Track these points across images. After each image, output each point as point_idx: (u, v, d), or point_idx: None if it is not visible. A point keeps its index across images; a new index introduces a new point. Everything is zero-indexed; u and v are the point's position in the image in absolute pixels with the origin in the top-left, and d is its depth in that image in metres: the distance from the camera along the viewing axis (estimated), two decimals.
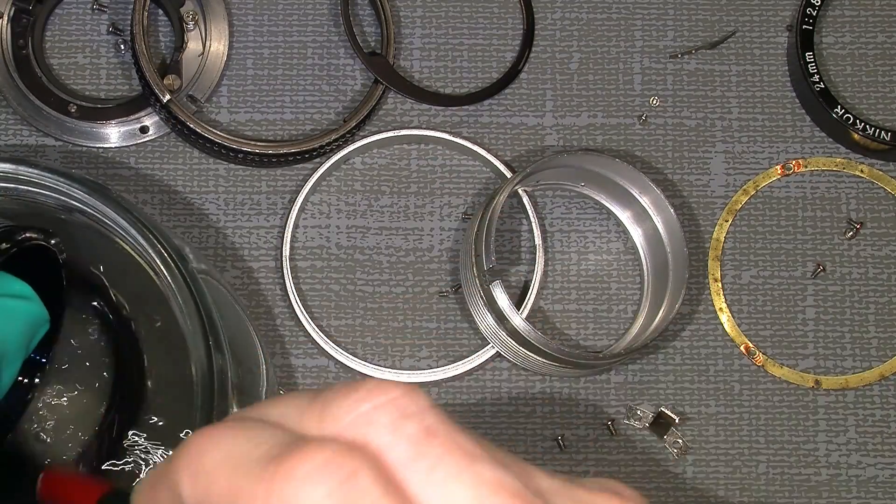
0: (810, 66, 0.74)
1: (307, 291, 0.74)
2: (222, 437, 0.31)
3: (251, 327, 0.65)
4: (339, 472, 0.29)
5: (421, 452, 0.30)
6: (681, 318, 0.74)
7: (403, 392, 0.31)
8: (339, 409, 0.31)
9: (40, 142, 0.74)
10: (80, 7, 0.76)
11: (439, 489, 0.30)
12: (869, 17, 0.77)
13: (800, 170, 0.76)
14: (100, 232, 0.61)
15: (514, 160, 0.75)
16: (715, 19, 0.77)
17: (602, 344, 0.74)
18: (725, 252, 0.75)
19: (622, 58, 0.76)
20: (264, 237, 0.74)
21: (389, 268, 0.74)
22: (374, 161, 0.75)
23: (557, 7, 0.76)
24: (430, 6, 0.76)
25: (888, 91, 0.76)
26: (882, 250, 0.75)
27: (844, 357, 0.74)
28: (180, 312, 0.59)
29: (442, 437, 0.30)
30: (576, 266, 0.75)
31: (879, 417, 0.74)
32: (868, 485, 0.73)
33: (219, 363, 0.58)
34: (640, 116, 0.76)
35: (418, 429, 0.30)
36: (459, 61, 0.76)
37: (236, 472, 0.30)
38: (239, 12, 0.76)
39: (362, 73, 0.75)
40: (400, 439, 0.30)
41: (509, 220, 0.74)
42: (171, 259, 0.59)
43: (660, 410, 0.72)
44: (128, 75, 0.75)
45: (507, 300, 0.69)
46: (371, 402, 0.30)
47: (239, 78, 0.75)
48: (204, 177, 0.75)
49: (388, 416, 0.30)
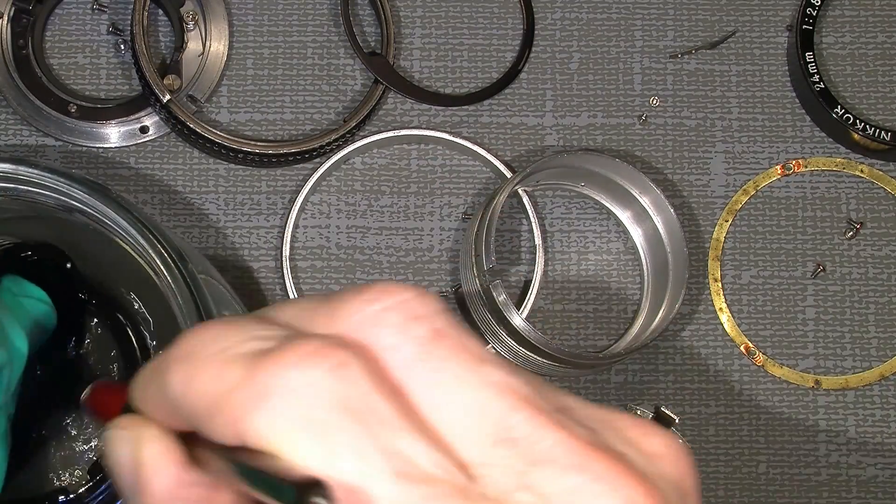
0: (810, 66, 0.74)
1: (307, 291, 0.74)
2: (219, 330, 0.30)
3: None
4: (328, 361, 0.28)
5: (427, 352, 0.29)
6: (681, 318, 0.74)
7: (415, 294, 0.30)
8: (347, 309, 0.30)
9: (40, 142, 0.74)
10: (80, 7, 0.76)
11: (444, 391, 0.29)
12: (869, 17, 0.77)
13: (800, 170, 0.76)
14: (100, 232, 0.61)
15: (514, 160, 0.75)
16: (715, 19, 0.77)
17: (602, 344, 0.74)
18: (725, 252, 0.75)
19: (622, 58, 0.76)
20: (264, 237, 0.74)
21: (389, 268, 0.74)
22: (374, 161, 0.75)
23: (557, 7, 0.76)
24: (430, 6, 0.76)
25: (888, 91, 0.76)
26: (882, 250, 0.75)
27: (844, 357, 0.74)
28: (180, 312, 0.59)
29: (450, 340, 0.29)
30: (576, 266, 0.75)
31: (879, 417, 0.74)
32: (868, 485, 0.73)
33: None
34: (640, 116, 0.76)
35: (426, 330, 0.29)
36: (459, 61, 0.76)
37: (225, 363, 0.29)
38: (239, 12, 0.76)
39: (362, 73, 0.75)
40: (406, 340, 0.29)
41: (509, 220, 0.74)
42: (171, 259, 0.59)
43: (660, 410, 0.72)
44: (128, 75, 0.75)
45: (507, 300, 0.69)
46: (381, 303, 0.30)
47: (239, 78, 0.75)
48: (204, 177, 0.75)
49: (396, 317, 0.30)
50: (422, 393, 0.29)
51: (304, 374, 0.28)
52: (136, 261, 0.62)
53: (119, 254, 0.63)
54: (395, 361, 0.29)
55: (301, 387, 0.28)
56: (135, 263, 0.62)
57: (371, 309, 0.30)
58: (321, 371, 0.28)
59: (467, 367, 0.29)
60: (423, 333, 0.29)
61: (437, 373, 0.29)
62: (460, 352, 0.29)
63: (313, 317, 0.31)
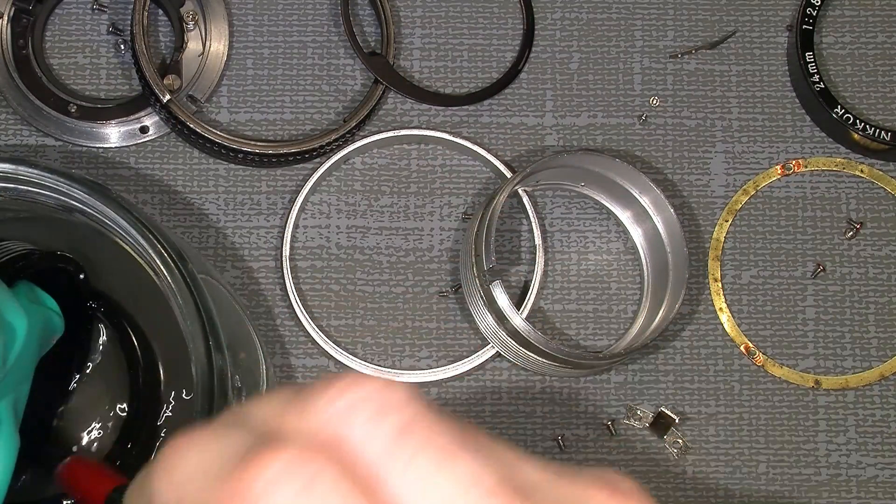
0: (810, 66, 0.74)
1: (307, 291, 0.74)
2: (196, 443, 0.31)
3: (251, 327, 0.66)
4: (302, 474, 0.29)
5: (397, 447, 0.29)
6: (681, 318, 0.74)
7: (381, 386, 0.30)
8: (316, 405, 0.30)
9: (40, 142, 0.74)
10: (80, 7, 0.76)
11: (415, 485, 0.29)
12: (869, 17, 0.77)
13: (800, 170, 0.76)
14: (100, 232, 0.61)
15: (514, 160, 0.75)
16: (715, 19, 0.77)
17: (602, 344, 0.74)
18: (725, 252, 0.75)
19: (622, 58, 0.76)
20: (264, 237, 0.74)
21: (389, 268, 0.74)
22: (374, 161, 0.75)
23: (557, 7, 0.76)
24: (430, 6, 0.76)
25: (888, 91, 0.76)
26: (882, 250, 0.75)
27: (844, 357, 0.74)
28: (180, 312, 0.59)
29: (419, 432, 0.30)
30: (576, 266, 0.75)
31: (879, 417, 0.74)
32: (868, 485, 0.73)
33: (219, 363, 0.58)
34: (640, 116, 0.76)
35: (395, 423, 0.30)
36: (459, 61, 0.76)
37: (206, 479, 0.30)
38: (239, 12, 0.76)
39: (362, 73, 0.75)
40: (376, 434, 0.29)
41: (509, 220, 0.74)
42: (171, 259, 0.59)
43: (660, 410, 0.72)
44: (128, 75, 0.75)
45: (507, 300, 0.69)
46: (348, 397, 0.30)
47: (239, 78, 0.75)
48: (204, 177, 0.75)
49: (365, 411, 0.30)
50: (396, 488, 0.29)
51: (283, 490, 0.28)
52: (136, 261, 0.62)
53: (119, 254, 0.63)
54: (366, 457, 0.29)
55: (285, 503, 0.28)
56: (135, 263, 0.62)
57: (339, 404, 0.30)
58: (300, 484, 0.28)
59: (437, 461, 0.29)
60: (392, 426, 0.30)
61: (408, 468, 0.29)
62: (430, 444, 0.29)
63: (284, 413, 0.31)
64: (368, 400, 0.30)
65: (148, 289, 0.63)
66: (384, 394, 0.30)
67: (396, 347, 0.74)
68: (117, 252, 0.63)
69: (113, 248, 0.63)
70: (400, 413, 0.30)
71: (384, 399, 0.30)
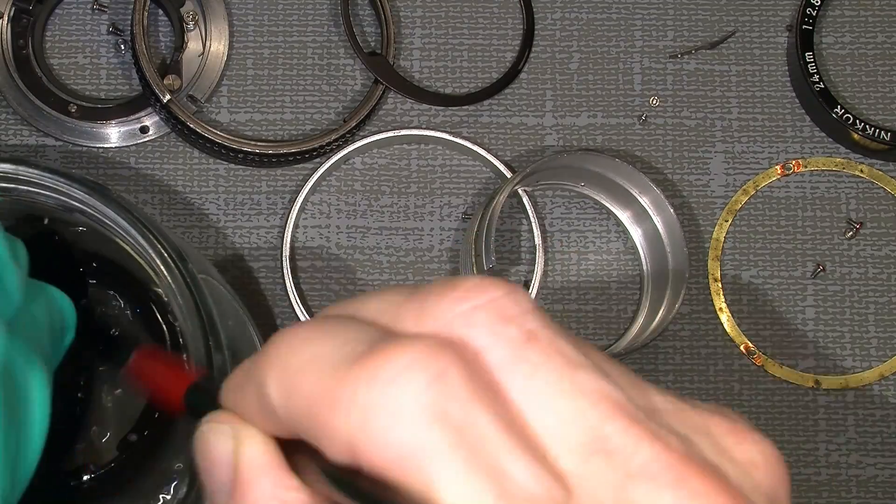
0: (810, 66, 0.74)
1: (307, 291, 0.74)
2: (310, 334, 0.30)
3: (251, 327, 0.66)
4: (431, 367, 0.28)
5: (520, 357, 0.28)
6: (681, 318, 0.74)
7: (505, 292, 0.29)
8: (437, 307, 0.29)
9: (40, 142, 0.74)
10: (80, 7, 0.76)
11: (537, 397, 0.28)
12: (869, 17, 0.77)
13: (800, 170, 0.76)
14: (100, 232, 0.61)
15: (514, 160, 0.75)
16: (715, 19, 0.77)
17: (602, 344, 0.74)
18: (725, 252, 0.75)
19: (622, 58, 0.76)
20: (264, 237, 0.74)
21: (389, 268, 0.74)
22: (374, 161, 0.75)
23: (557, 7, 0.76)
24: (430, 6, 0.76)
25: (888, 91, 0.76)
26: (882, 250, 0.75)
27: (844, 357, 0.74)
28: (180, 312, 0.59)
29: (543, 343, 0.29)
30: (576, 266, 0.75)
31: (879, 417, 0.74)
32: (868, 485, 0.73)
33: (219, 363, 0.58)
34: (640, 116, 0.76)
35: (518, 332, 0.29)
36: (459, 61, 0.76)
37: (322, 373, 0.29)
38: (239, 12, 0.76)
39: (362, 73, 0.75)
40: (498, 342, 0.29)
41: (509, 220, 0.74)
42: (171, 259, 0.59)
43: None
44: (128, 75, 0.75)
45: None
46: (471, 302, 0.29)
47: (239, 78, 0.75)
48: (204, 177, 0.75)
49: (488, 317, 0.29)
50: (517, 399, 0.28)
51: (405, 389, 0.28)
52: (136, 261, 0.62)
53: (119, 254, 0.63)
54: (488, 364, 0.28)
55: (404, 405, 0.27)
56: (135, 263, 0.62)
57: (462, 307, 0.29)
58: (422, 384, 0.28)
59: (561, 374, 0.28)
60: (516, 335, 0.29)
61: (531, 378, 0.28)
62: (553, 356, 0.29)
63: (399, 312, 0.30)
64: (493, 305, 0.29)
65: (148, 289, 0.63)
66: (507, 300, 0.29)
67: None
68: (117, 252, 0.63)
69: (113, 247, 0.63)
70: (524, 322, 0.29)
71: (506, 306, 0.29)
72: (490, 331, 0.29)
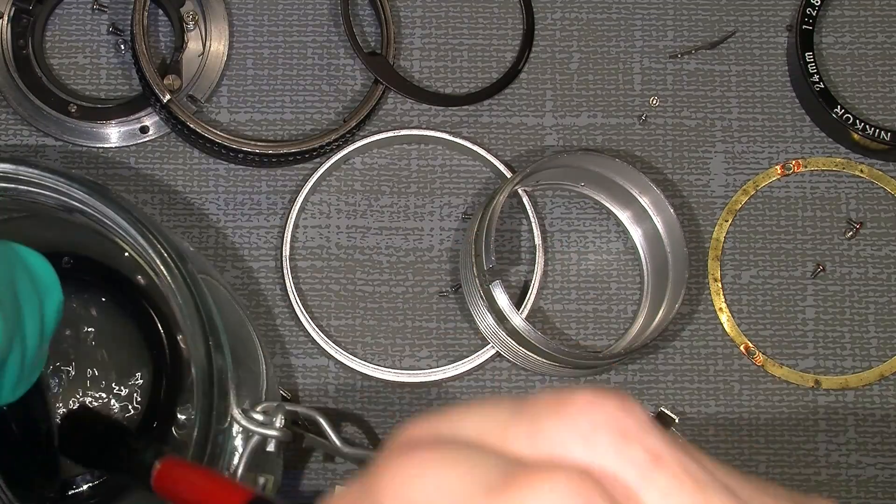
0: (810, 66, 0.74)
1: (307, 291, 0.74)
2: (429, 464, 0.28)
3: (251, 327, 0.66)
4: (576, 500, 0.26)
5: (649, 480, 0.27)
6: (681, 318, 0.74)
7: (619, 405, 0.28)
8: (552, 427, 0.28)
9: (40, 142, 0.74)
10: (80, 7, 0.76)
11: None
12: (869, 17, 0.77)
13: (800, 170, 0.76)
14: (100, 232, 0.61)
15: (514, 160, 0.75)
16: (715, 19, 0.77)
17: (602, 344, 0.74)
18: (725, 252, 0.75)
19: (622, 58, 0.76)
20: (264, 237, 0.74)
21: (389, 268, 0.74)
22: (374, 161, 0.75)
23: (557, 7, 0.76)
24: (430, 6, 0.76)
25: (888, 91, 0.76)
26: (882, 250, 0.75)
27: (844, 357, 0.74)
28: (180, 312, 0.59)
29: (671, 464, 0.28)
30: (576, 266, 0.75)
31: (879, 417, 0.74)
32: (868, 485, 0.73)
33: (219, 363, 0.58)
34: (640, 116, 0.76)
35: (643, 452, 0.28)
36: (459, 61, 0.76)
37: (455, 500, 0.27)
38: (239, 12, 0.76)
39: (362, 73, 0.75)
40: (625, 464, 0.27)
41: (509, 220, 0.74)
42: (171, 259, 0.59)
43: (660, 410, 0.72)
44: (128, 75, 0.75)
45: (507, 300, 0.69)
46: (588, 419, 0.28)
47: (239, 78, 0.75)
48: (204, 177, 0.75)
49: (608, 437, 0.28)
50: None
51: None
52: (136, 261, 0.62)
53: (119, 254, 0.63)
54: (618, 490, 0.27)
55: None
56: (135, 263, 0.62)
57: (581, 427, 0.28)
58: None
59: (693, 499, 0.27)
60: (641, 456, 0.28)
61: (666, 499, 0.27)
62: (684, 479, 0.28)
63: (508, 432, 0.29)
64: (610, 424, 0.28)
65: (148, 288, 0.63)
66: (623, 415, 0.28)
67: (396, 347, 0.74)
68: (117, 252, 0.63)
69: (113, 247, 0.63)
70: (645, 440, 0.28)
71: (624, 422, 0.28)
72: (614, 452, 0.28)
